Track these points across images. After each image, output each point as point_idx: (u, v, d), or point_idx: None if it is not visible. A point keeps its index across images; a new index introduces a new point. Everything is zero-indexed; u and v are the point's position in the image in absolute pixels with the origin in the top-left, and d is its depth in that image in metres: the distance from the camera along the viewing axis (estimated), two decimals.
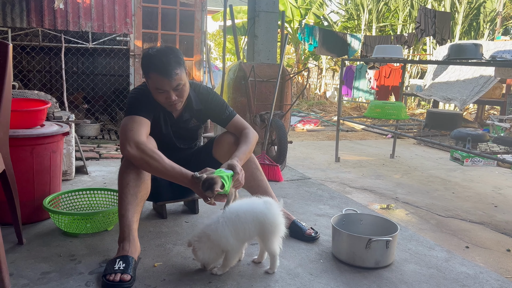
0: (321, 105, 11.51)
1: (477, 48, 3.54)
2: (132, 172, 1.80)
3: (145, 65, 1.86)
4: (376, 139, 6.83)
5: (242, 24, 10.80)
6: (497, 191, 3.83)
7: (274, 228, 1.65)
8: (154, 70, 1.81)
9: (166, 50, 1.86)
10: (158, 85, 1.84)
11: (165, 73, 1.80)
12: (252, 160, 2.09)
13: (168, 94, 1.85)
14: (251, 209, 1.66)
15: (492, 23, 11.34)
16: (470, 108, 9.08)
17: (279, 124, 3.52)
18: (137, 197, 1.79)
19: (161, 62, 1.81)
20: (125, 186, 1.78)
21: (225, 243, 1.63)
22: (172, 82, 1.83)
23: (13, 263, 1.75)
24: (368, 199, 3.39)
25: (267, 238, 1.67)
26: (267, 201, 1.69)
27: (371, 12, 12.23)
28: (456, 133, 3.36)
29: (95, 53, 5.84)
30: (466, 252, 2.43)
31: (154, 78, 1.83)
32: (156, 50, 1.86)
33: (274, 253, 1.70)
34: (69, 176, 3.08)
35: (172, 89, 1.85)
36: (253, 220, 1.64)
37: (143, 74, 1.89)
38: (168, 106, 1.93)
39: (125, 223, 1.75)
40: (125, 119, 1.86)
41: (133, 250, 1.72)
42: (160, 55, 1.83)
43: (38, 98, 2.87)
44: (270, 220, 1.64)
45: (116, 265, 1.63)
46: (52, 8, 4.29)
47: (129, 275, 1.60)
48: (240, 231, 1.64)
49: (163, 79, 1.81)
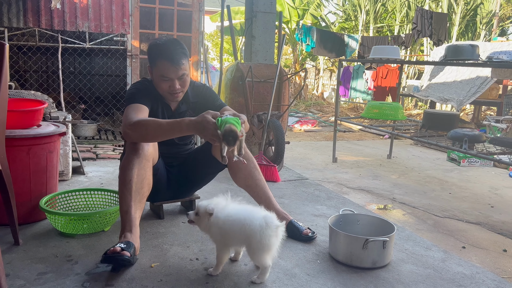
0: (319, 106, 11.52)
1: (474, 49, 3.55)
2: (134, 168, 1.79)
3: (153, 53, 1.93)
4: (373, 139, 6.84)
5: (239, 24, 10.79)
6: (493, 191, 3.85)
7: (261, 246, 1.55)
8: (162, 58, 1.89)
9: (174, 41, 1.96)
10: (164, 73, 1.90)
11: (173, 61, 1.88)
12: (250, 159, 2.11)
13: (172, 83, 1.93)
14: (244, 218, 1.58)
15: (489, 24, 11.39)
16: (467, 108, 9.10)
17: (277, 125, 3.52)
18: (140, 194, 1.79)
19: (169, 50, 1.89)
20: (128, 183, 1.77)
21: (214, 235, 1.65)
22: (178, 71, 1.91)
23: (10, 263, 1.75)
24: (365, 199, 3.39)
25: (252, 253, 1.60)
26: (266, 216, 1.58)
27: (368, 13, 12.25)
28: (453, 133, 3.37)
29: (92, 53, 5.82)
30: (462, 252, 2.44)
31: (161, 65, 1.90)
32: (164, 40, 1.95)
33: (262, 266, 1.63)
34: (66, 176, 3.07)
35: (177, 77, 1.92)
36: (240, 230, 1.57)
37: (150, 62, 1.96)
38: (170, 95, 1.99)
39: (127, 219, 1.74)
40: (125, 109, 1.89)
41: (134, 239, 1.71)
42: (169, 44, 1.92)
43: (34, 98, 2.86)
44: (257, 239, 1.54)
45: (117, 244, 1.64)
46: (49, 8, 4.28)
47: (129, 253, 1.60)
48: (226, 234, 1.61)
49: (170, 66, 1.89)
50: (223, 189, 2.90)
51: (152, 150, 1.89)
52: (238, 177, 2.13)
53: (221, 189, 2.86)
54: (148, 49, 1.98)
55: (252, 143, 3.87)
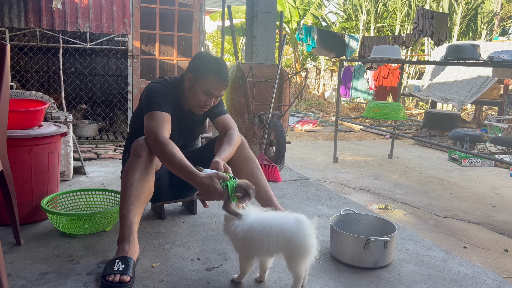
0: (320, 106, 11.52)
1: (475, 48, 3.55)
2: (136, 173, 1.79)
3: (207, 66, 1.97)
4: (374, 139, 6.84)
5: (240, 24, 10.79)
6: (495, 191, 3.84)
7: (303, 250, 1.46)
8: (216, 74, 1.96)
9: (224, 62, 2.06)
10: (211, 88, 1.97)
11: (224, 81, 1.99)
12: (252, 159, 2.13)
13: (211, 99, 2.01)
14: (280, 223, 1.48)
15: (490, 24, 11.37)
16: (468, 108, 9.09)
17: (278, 125, 3.52)
18: (140, 199, 1.79)
19: (223, 69, 1.98)
20: (128, 187, 1.78)
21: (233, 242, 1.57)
22: (222, 91, 2.02)
23: (11, 264, 1.75)
24: (367, 199, 3.39)
25: (293, 260, 1.48)
26: (298, 218, 1.49)
27: (369, 13, 12.24)
28: (454, 133, 3.37)
29: (93, 54, 5.83)
30: (464, 252, 2.44)
31: (211, 80, 1.96)
32: (218, 58, 2.05)
33: (298, 276, 1.50)
34: (67, 176, 3.07)
35: (217, 96, 2.01)
36: (278, 235, 1.46)
37: (196, 72, 1.98)
38: (199, 108, 2.05)
39: (126, 223, 1.74)
40: (151, 115, 1.88)
41: (132, 251, 1.71)
42: (222, 63, 2.01)
43: (36, 99, 2.86)
44: (300, 241, 1.45)
45: (116, 266, 1.62)
46: (50, 8, 4.28)
47: (128, 276, 1.60)
48: (259, 242, 1.48)
49: (219, 85, 1.98)
50: None
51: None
52: (240, 177, 2.12)
53: None
54: (199, 59, 2.00)
55: (253, 143, 3.87)
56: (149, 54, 5.22)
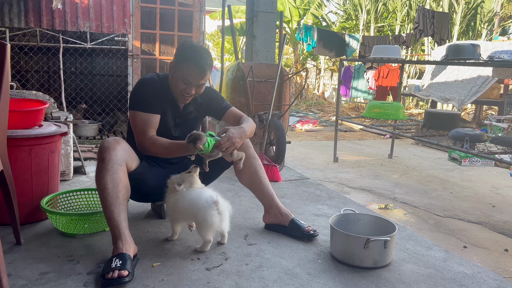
0: (320, 105, 11.52)
1: (475, 48, 3.55)
2: (106, 175, 1.79)
3: (185, 54, 1.97)
4: (374, 139, 6.84)
5: (240, 24, 10.79)
6: (495, 191, 3.84)
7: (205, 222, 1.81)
8: (192, 62, 1.95)
9: (206, 51, 2.04)
10: (188, 76, 1.96)
11: (201, 69, 1.96)
12: (255, 158, 2.21)
13: (190, 87, 1.99)
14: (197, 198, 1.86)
15: (490, 24, 11.37)
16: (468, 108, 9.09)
17: (278, 124, 3.52)
18: (118, 198, 1.79)
19: (201, 58, 1.96)
20: (103, 190, 1.79)
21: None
22: (200, 79, 1.99)
23: (11, 263, 1.75)
24: (367, 199, 3.39)
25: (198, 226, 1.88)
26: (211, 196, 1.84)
27: (369, 13, 12.24)
28: (454, 133, 3.36)
29: (93, 53, 5.83)
30: (464, 252, 2.44)
31: (188, 69, 1.95)
32: (199, 46, 2.02)
33: (204, 239, 1.90)
34: (67, 176, 3.08)
35: (196, 84, 1.99)
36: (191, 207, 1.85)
37: (176, 59, 2.00)
38: (181, 96, 2.05)
39: (113, 224, 1.76)
40: (136, 116, 1.99)
41: (127, 247, 1.72)
42: (202, 52, 1.99)
43: (36, 99, 2.86)
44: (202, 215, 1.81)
45: (113, 263, 1.64)
46: (50, 8, 4.28)
47: (126, 271, 1.61)
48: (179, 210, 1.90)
49: (196, 73, 1.96)
50: (224, 189, 2.91)
51: (123, 153, 1.86)
52: (244, 174, 2.21)
53: (223, 189, 2.86)
54: (181, 48, 2.01)
55: (253, 143, 3.86)
56: (149, 54, 5.22)
